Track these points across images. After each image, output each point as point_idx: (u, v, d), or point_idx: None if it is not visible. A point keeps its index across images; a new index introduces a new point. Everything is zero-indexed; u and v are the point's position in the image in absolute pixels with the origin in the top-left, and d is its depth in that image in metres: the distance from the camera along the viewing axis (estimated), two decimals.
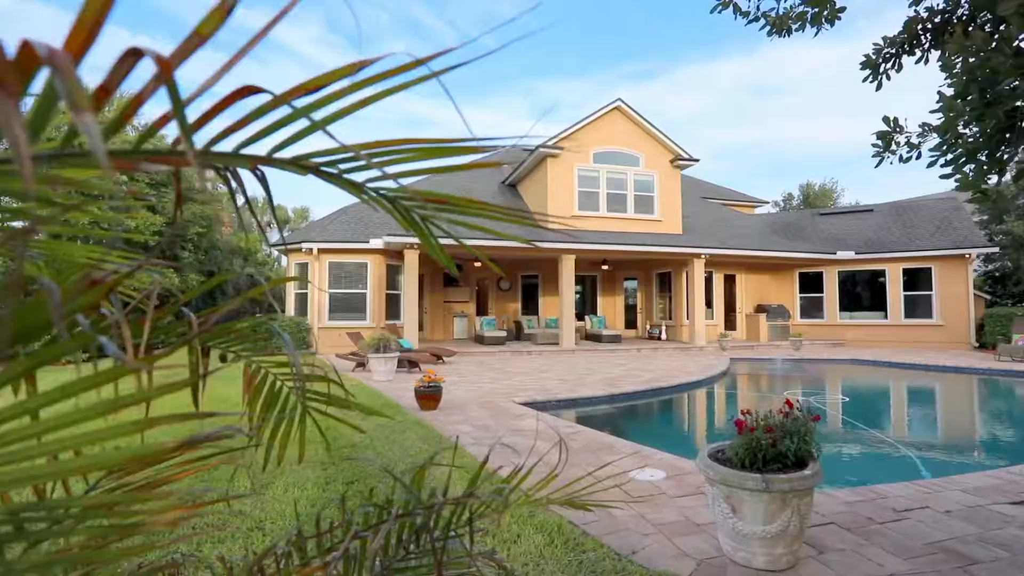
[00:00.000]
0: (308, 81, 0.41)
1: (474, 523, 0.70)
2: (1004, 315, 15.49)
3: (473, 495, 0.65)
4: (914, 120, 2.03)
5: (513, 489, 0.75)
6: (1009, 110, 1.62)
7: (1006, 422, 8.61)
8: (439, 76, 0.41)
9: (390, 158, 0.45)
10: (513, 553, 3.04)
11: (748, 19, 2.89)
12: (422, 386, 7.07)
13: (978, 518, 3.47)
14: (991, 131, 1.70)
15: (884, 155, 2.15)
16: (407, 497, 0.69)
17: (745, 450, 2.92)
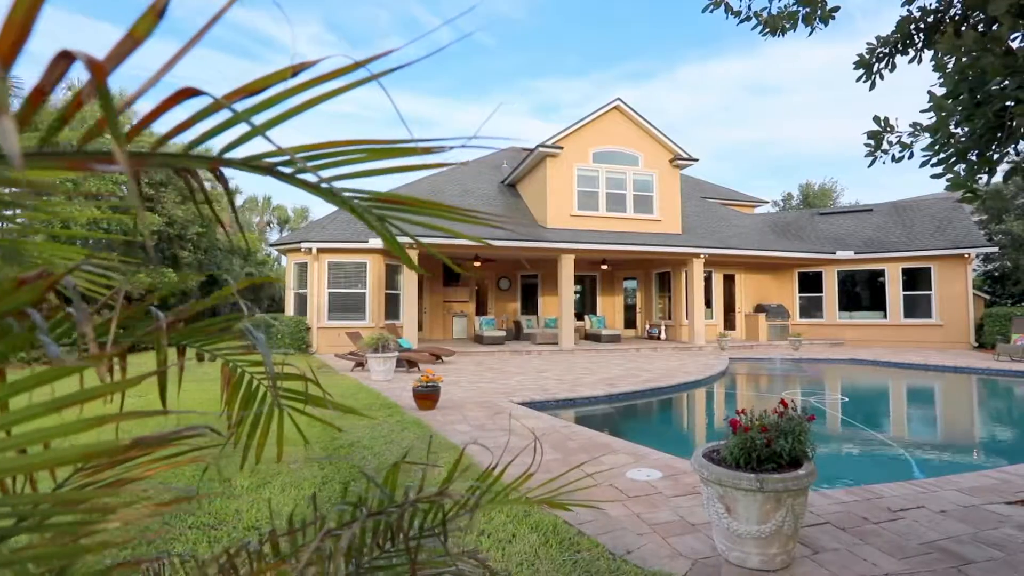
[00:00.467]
0: (249, 84, 0.40)
1: (448, 523, 0.69)
2: (1003, 315, 15.48)
3: (443, 494, 0.65)
4: (908, 120, 2.04)
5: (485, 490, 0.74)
6: (998, 110, 1.62)
7: (1004, 422, 8.61)
8: (379, 78, 0.41)
9: (341, 159, 0.45)
10: (508, 553, 3.04)
11: (740, 18, 2.88)
12: (420, 386, 7.07)
13: (973, 518, 3.47)
14: (981, 131, 1.70)
15: (876, 155, 2.15)
16: (380, 496, 0.69)
17: (740, 450, 2.92)
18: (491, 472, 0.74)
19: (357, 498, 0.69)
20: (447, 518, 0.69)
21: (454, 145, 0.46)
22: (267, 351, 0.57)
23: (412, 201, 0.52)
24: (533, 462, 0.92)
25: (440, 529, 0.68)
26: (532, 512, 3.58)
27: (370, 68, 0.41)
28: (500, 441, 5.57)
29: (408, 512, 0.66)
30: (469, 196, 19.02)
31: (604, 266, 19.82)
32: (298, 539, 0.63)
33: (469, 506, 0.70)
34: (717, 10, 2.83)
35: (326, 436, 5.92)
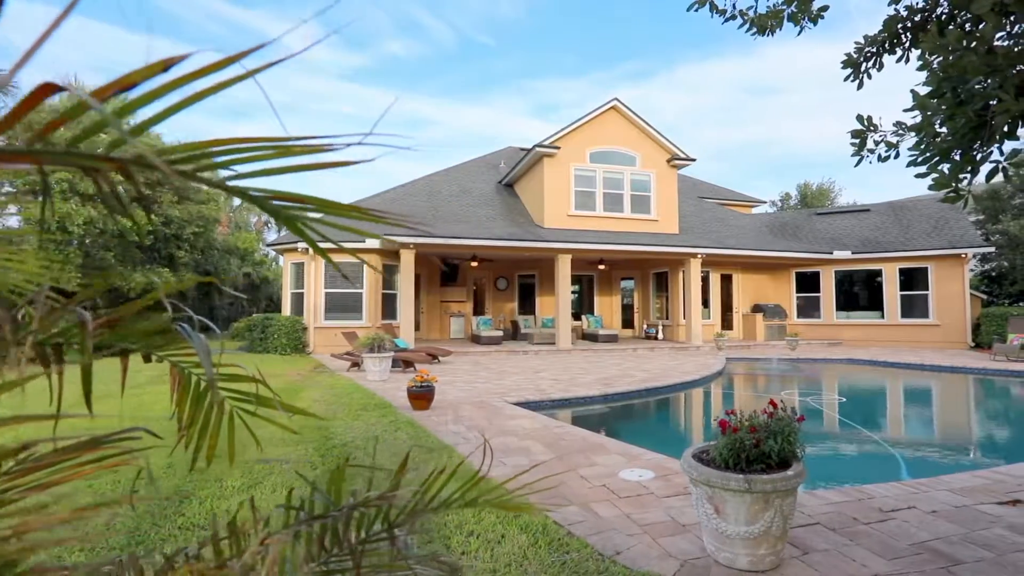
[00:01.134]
0: (119, 79, 0.39)
1: (401, 526, 0.68)
2: (1000, 315, 15.50)
3: (383, 498, 0.63)
4: (899, 119, 2.03)
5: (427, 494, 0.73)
6: (979, 109, 1.61)
7: (999, 422, 8.61)
8: (255, 75, 0.40)
9: (242, 156, 0.44)
10: (496, 554, 3.03)
11: (725, 17, 2.87)
12: (414, 386, 7.06)
13: (964, 518, 3.47)
14: (963, 130, 1.69)
15: (863, 154, 2.14)
16: (321, 499, 0.67)
17: (728, 451, 2.91)
18: (439, 475, 0.72)
19: (300, 501, 0.68)
20: (395, 523, 0.68)
21: (350, 143, 0.45)
22: (206, 352, 0.56)
23: (316, 201, 0.51)
24: (483, 464, 0.91)
25: (389, 534, 0.67)
26: (522, 513, 3.57)
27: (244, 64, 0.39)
28: (494, 442, 5.56)
29: (355, 517, 0.64)
30: (466, 196, 19.01)
31: (601, 266, 19.81)
32: (244, 542, 0.62)
33: (416, 511, 0.69)
34: (702, 9, 2.82)
35: (319, 436, 5.91)
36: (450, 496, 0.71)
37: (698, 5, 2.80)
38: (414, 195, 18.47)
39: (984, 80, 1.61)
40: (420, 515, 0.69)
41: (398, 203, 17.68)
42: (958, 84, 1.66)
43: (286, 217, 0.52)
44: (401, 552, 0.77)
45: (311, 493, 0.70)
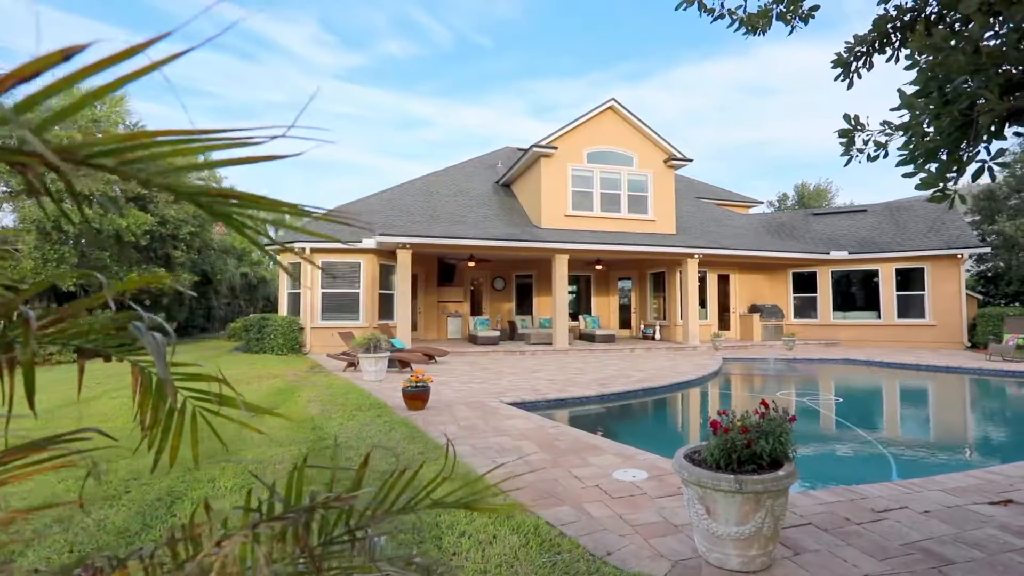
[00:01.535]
0: (15, 70, 0.38)
1: (364, 529, 0.67)
2: (995, 315, 15.54)
3: (340, 499, 0.62)
4: (885, 119, 2.03)
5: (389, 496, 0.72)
6: (965, 108, 1.61)
7: (993, 422, 8.63)
8: (161, 66, 0.39)
9: (158, 150, 0.43)
10: (488, 554, 3.02)
11: (713, 16, 2.87)
12: (409, 386, 7.05)
13: (956, 518, 3.47)
14: (949, 129, 1.68)
15: (852, 153, 2.14)
16: (277, 500, 0.66)
17: (720, 451, 2.91)
18: (400, 477, 0.71)
19: (258, 503, 0.66)
20: (358, 525, 0.67)
21: (263, 138, 0.44)
22: (159, 352, 0.55)
23: (247, 196, 0.50)
24: (444, 466, 0.89)
25: (350, 537, 0.66)
26: (514, 514, 3.56)
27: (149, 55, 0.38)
28: (492, 441, 5.55)
29: (316, 518, 0.63)
30: (464, 196, 18.99)
31: (599, 266, 19.81)
32: (199, 545, 0.61)
33: (379, 514, 0.68)
34: (691, 8, 2.81)
35: (313, 436, 5.89)
36: (414, 497, 0.70)
37: (686, 4, 2.79)
38: (411, 195, 18.45)
39: (969, 79, 1.61)
40: (383, 518, 0.68)
41: (394, 203, 17.66)
42: (944, 83, 1.66)
43: (220, 213, 0.51)
44: (370, 554, 0.75)
45: (269, 495, 0.69)
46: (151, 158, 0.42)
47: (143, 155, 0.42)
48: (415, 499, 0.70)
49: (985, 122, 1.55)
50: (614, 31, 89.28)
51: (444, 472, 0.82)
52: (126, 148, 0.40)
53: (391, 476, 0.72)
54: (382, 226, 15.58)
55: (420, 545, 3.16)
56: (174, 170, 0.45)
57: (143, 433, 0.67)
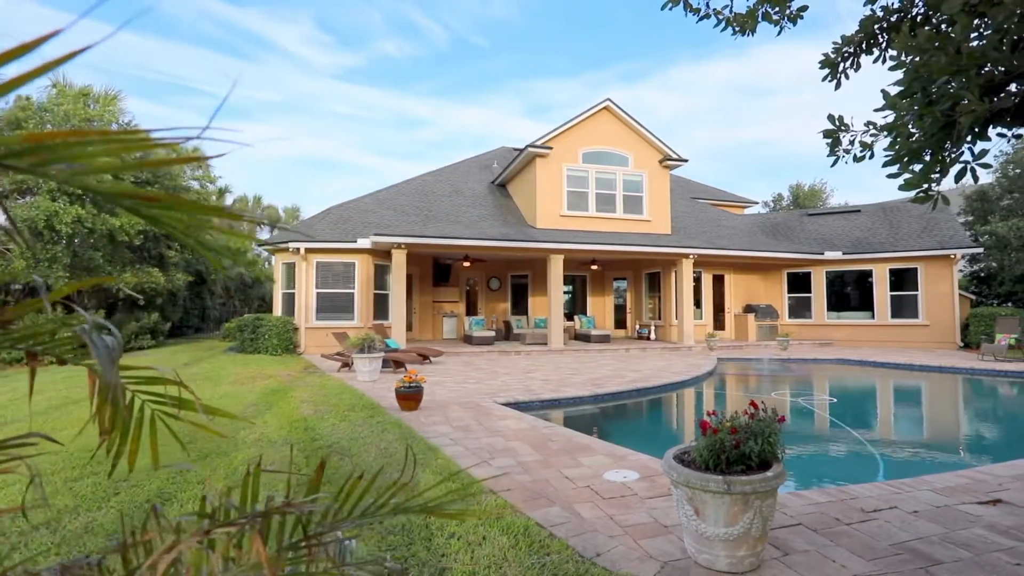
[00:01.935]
0: None
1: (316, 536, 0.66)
2: (988, 315, 15.62)
3: (290, 505, 0.61)
4: (869, 119, 2.03)
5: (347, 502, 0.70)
6: (947, 109, 1.61)
7: (985, 422, 8.67)
8: (61, 64, 0.38)
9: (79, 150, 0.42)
10: (477, 556, 3.01)
11: (699, 16, 2.87)
12: (403, 386, 7.03)
13: (945, 518, 3.48)
14: (932, 130, 1.68)
15: (839, 154, 2.14)
16: (229, 506, 0.65)
17: (709, 452, 2.91)
18: (358, 482, 0.70)
19: (212, 509, 0.65)
20: (318, 531, 0.66)
21: (189, 136, 0.43)
22: (106, 356, 0.54)
23: (168, 197, 0.49)
24: (404, 472, 0.88)
25: (307, 543, 0.65)
26: (505, 515, 3.55)
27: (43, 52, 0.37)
28: (485, 442, 5.54)
29: (274, 523, 0.62)
30: (459, 196, 18.97)
31: (594, 266, 19.82)
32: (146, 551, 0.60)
33: (338, 521, 0.66)
34: (676, 7, 2.81)
35: (306, 437, 5.87)
36: (376, 502, 0.69)
37: (671, 4, 2.79)
38: (407, 195, 18.42)
39: (951, 80, 1.61)
40: (346, 524, 0.67)
41: (390, 203, 17.63)
42: (927, 84, 1.66)
43: (148, 216, 0.50)
44: (336, 558, 0.74)
45: (221, 500, 0.68)
46: (72, 158, 0.41)
47: (65, 155, 0.40)
48: (377, 504, 0.69)
49: (966, 123, 1.55)
50: (610, 31, 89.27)
51: (404, 477, 0.81)
52: (40, 148, 0.39)
53: (347, 481, 0.71)
54: (376, 226, 15.55)
55: (410, 547, 3.14)
56: (94, 170, 0.43)
57: (100, 437, 0.66)
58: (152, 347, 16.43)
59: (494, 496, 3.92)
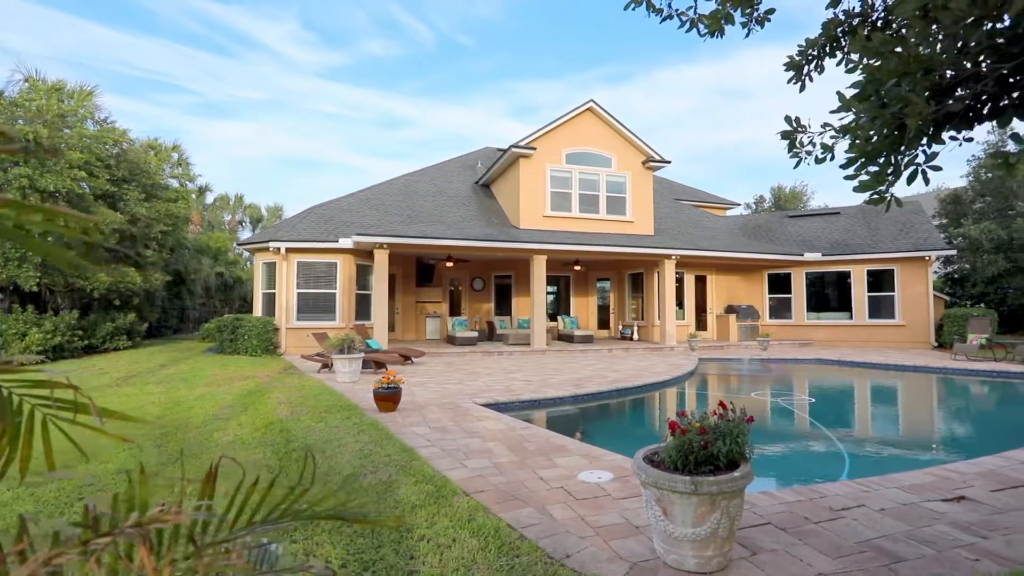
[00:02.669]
0: None
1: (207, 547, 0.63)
2: (960, 315, 15.95)
3: (164, 516, 0.58)
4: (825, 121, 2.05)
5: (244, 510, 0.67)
6: (898, 112, 1.62)
7: (955, 420, 8.85)
8: None
9: None
10: (445, 558, 2.98)
11: (662, 16, 2.88)
12: (380, 387, 6.97)
13: (910, 516, 3.53)
14: (885, 133, 1.70)
15: (801, 155, 2.15)
16: (103, 515, 0.62)
17: (677, 452, 2.91)
18: (253, 488, 0.67)
19: (92, 519, 0.62)
20: (213, 542, 0.63)
21: None
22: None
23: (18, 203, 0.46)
24: (301, 478, 0.86)
25: (196, 553, 0.62)
26: (476, 516, 3.53)
27: None
28: (462, 443, 5.51)
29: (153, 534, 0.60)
30: (442, 196, 18.90)
31: (577, 267, 19.87)
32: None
33: (239, 530, 0.64)
34: (639, 8, 2.81)
35: (280, 439, 5.79)
36: (276, 509, 0.66)
37: (635, 4, 2.80)
38: (390, 194, 18.30)
39: (899, 83, 1.62)
40: (238, 534, 0.64)
41: (372, 202, 17.50)
42: (880, 87, 1.68)
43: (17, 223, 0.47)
44: (254, 564, 0.71)
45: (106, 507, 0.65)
46: None
47: None
48: (280, 511, 0.66)
49: (913, 125, 1.57)
50: (596, 33, 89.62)
51: (304, 481, 0.79)
52: None
53: (237, 487, 0.68)
54: (358, 226, 15.42)
55: (379, 549, 3.11)
56: None
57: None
58: (128, 348, 16.10)
59: (467, 498, 3.89)
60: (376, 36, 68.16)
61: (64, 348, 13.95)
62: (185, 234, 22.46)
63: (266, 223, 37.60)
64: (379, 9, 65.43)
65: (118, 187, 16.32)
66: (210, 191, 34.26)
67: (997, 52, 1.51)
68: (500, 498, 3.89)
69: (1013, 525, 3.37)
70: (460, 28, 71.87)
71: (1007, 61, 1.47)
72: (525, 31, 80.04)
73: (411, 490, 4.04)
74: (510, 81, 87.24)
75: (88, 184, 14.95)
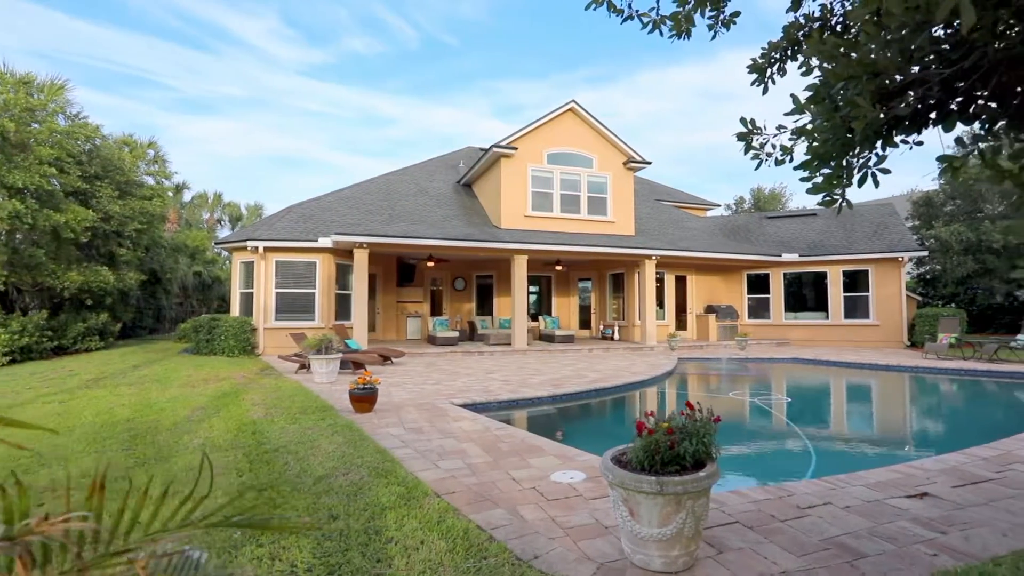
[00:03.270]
0: None
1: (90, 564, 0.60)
2: (931, 315, 16.33)
3: (37, 528, 0.55)
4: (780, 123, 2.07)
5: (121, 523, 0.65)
6: (846, 114, 1.65)
7: (923, 417, 9.05)
8: None
9: None
10: (412, 561, 2.96)
11: (623, 17, 2.89)
12: (356, 388, 6.90)
13: (873, 512, 3.59)
14: (836, 135, 1.73)
15: (762, 157, 2.17)
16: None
17: (644, 452, 2.92)
18: (144, 497, 0.65)
19: None
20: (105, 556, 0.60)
21: None
22: None
23: None
24: (196, 480, 0.83)
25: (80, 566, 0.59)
26: (446, 518, 3.51)
27: None
28: (434, 444, 5.47)
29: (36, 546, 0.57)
30: (424, 195, 18.80)
31: (559, 267, 19.92)
32: None
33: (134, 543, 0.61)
34: (600, 8, 2.82)
35: (252, 441, 5.69)
36: (171, 520, 0.63)
37: (595, 5, 2.81)
38: (371, 193, 18.15)
39: (846, 86, 1.65)
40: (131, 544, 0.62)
41: (353, 201, 17.34)
42: (830, 89, 1.70)
43: None
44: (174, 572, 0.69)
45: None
46: None
47: None
48: (177, 519, 0.63)
49: (859, 127, 1.59)
50: (580, 35, 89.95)
51: (199, 490, 0.76)
52: None
53: (126, 495, 0.65)
54: (338, 225, 15.26)
55: (346, 552, 3.07)
56: None
57: None
58: (100, 349, 15.73)
59: (438, 499, 3.87)
60: (359, 34, 67.48)
61: (32, 349, 13.58)
62: (161, 232, 22.02)
63: (246, 222, 37.02)
64: (361, 7, 64.80)
65: (90, 184, 15.93)
66: (188, 189, 33.61)
67: (940, 58, 1.54)
68: (471, 499, 3.87)
69: (971, 520, 3.44)
70: (444, 27, 71.52)
71: (949, 66, 1.50)
72: (510, 31, 79.94)
73: (382, 492, 4.00)
74: (495, 81, 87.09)
75: (58, 181, 14.57)
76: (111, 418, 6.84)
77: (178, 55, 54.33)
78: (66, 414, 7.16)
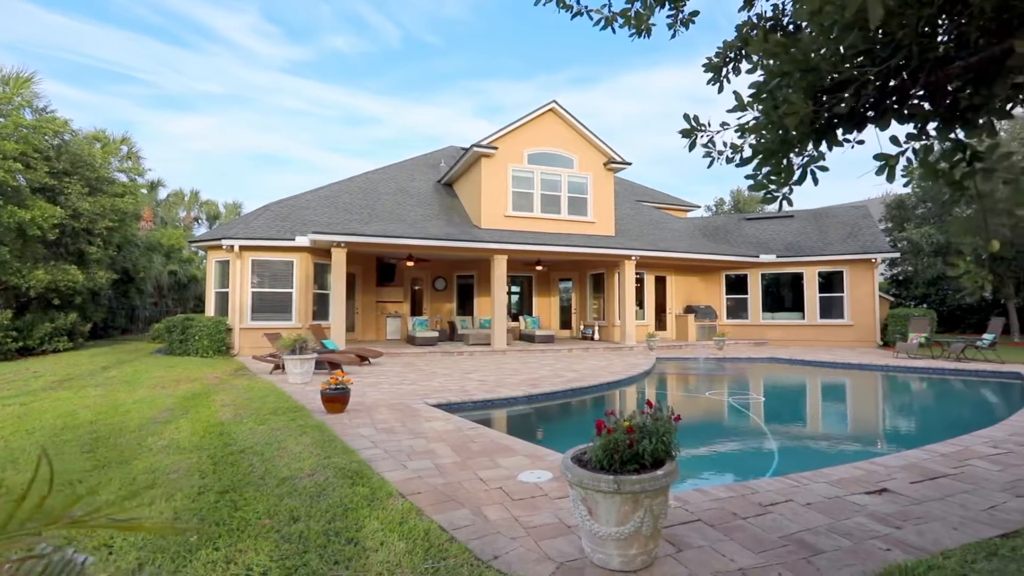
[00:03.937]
0: None
1: None
2: (903, 315, 16.69)
3: None
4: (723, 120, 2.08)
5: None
6: (783, 112, 1.65)
7: (891, 415, 9.23)
8: None
9: None
10: (369, 563, 2.91)
11: (572, 13, 2.89)
12: (328, 388, 6.81)
13: (833, 509, 3.63)
14: (775, 132, 1.74)
15: (713, 155, 2.18)
16: None
17: (603, 452, 2.92)
18: (24, 495, 0.61)
19: None
20: None
21: None
22: None
23: None
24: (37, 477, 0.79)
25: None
26: (408, 519, 3.47)
27: None
28: (407, 444, 5.42)
29: None
30: (404, 195, 18.67)
31: (540, 267, 19.94)
32: None
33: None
34: (549, 3, 2.83)
35: (219, 443, 5.57)
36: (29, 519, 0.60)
37: (544, 0, 2.81)
38: (350, 192, 17.97)
39: (781, 83, 1.66)
40: None
41: (332, 200, 17.15)
42: (771, 87, 1.71)
43: None
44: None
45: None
46: None
47: None
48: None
49: (792, 124, 1.60)
50: (564, 36, 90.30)
51: (36, 488, 0.72)
52: None
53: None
54: (316, 224, 15.08)
55: (304, 555, 3.01)
56: None
57: None
58: (69, 350, 15.33)
59: (402, 500, 3.82)
60: (341, 32, 66.90)
61: None
62: (135, 231, 21.51)
63: (224, 220, 36.40)
64: (344, 4, 64.24)
65: (59, 180, 15.50)
66: (163, 186, 32.96)
67: (871, 56, 1.56)
68: (436, 499, 3.83)
69: (926, 515, 3.51)
70: (428, 27, 71.24)
71: (878, 65, 1.51)
72: (494, 32, 79.94)
73: (346, 493, 3.95)
74: (479, 81, 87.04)
75: (24, 177, 14.16)
76: (73, 420, 6.65)
77: (157, 50, 53.30)
78: (27, 416, 6.94)
